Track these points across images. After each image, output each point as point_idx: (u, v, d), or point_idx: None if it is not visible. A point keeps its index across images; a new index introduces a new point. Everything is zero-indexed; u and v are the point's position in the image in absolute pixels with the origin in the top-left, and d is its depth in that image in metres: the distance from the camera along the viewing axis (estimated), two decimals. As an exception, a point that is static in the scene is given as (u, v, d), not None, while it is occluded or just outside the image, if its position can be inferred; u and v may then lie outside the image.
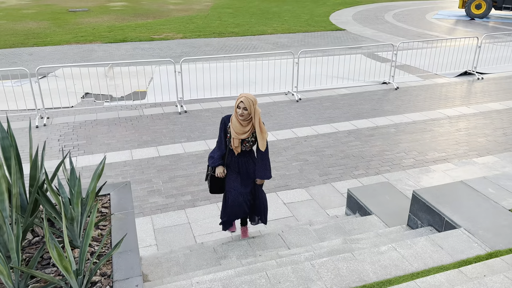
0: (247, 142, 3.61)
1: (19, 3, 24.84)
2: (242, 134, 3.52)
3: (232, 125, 3.57)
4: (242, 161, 3.71)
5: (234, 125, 3.54)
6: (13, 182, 2.44)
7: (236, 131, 3.52)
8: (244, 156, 3.71)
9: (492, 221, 2.84)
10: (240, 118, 3.48)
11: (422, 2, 25.98)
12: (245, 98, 3.44)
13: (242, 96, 3.47)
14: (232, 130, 3.55)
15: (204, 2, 25.31)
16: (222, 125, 3.69)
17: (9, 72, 8.79)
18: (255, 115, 3.49)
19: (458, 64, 10.69)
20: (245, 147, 3.64)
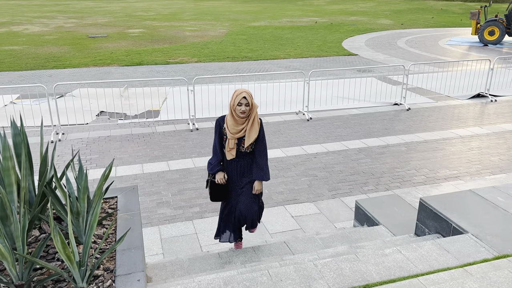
0: (244, 142, 3.37)
1: (41, 29, 25.84)
2: (238, 133, 3.33)
3: (227, 125, 3.36)
4: (244, 165, 3.47)
5: (230, 125, 3.33)
6: (23, 176, 2.50)
7: (232, 131, 3.32)
8: (245, 158, 3.46)
9: (501, 227, 2.78)
10: (241, 116, 3.27)
11: (435, 29, 26.17)
12: (246, 93, 3.24)
13: (242, 91, 3.25)
14: (227, 131, 3.36)
15: (219, 29, 25.95)
16: (216, 127, 3.47)
17: (29, 91, 9.08)
18: (254, 109, 3.30)
19: (471, 86, 10.65)
20: (244, 148, 3.39)
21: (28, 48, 18.50)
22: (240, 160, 3.51)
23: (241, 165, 3.53)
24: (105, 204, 3.17)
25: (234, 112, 3.33)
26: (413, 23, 29.57)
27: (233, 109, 3.33)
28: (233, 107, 3.33)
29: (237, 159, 3.49)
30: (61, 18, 34.36)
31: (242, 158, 3.50)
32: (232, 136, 3.36)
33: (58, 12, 40.12)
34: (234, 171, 3.55)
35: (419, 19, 32.69)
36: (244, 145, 3.41)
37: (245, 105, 3.27)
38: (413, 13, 37.68)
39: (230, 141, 3.39)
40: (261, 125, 3.46)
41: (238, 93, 3.29)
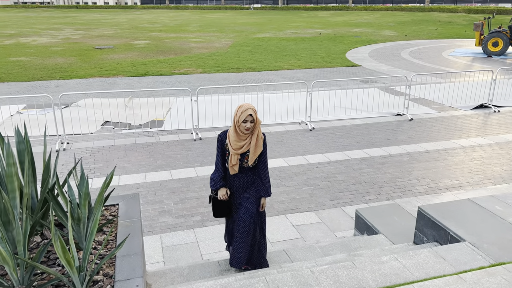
0: (248, 158, 3.30)
1: (49, 41, 26.21)
2: (241, 149, 3.25)
3: (230, 140, 3.27)
4: (246, 179, 3.40)
5: (233, 140, 3.25)
6: (26, 183, 2.56)
7: (235, 147, 3.24)
8: (248, 173, 3.39)
9: (498, 235, 2.79)
10: (245, 132, 3.20)
11: (439, 41, 26.26)
12: (252, 109, 3.16)
13: (247, 107, 3.17)
14: (230, 146, 3.28)
15: (224, 40, 26.19)
16: (219, 143, 3.40)
17: (35, 101, 9.21)
18: (257, 124, 3.23)
19: (474, 97, 10.67)
20: (247, 164, 3.32)
21: (36, 59, 18.78)
22: (243, 175, 3.44)
23: (244, 180, 3.46)
24: (106, 211, 3.21)
25: (238, 128, 3.24)
26: (417, 35, 29.70)
27: (237, 125, 3.24)
28: (238, 123, 3.23)
29: (240, 174, 3.43)
30: (68, 30, 34.87)
31: (245, 173, 3.44)
32: (235, 152, 3.28)
33: (66, 24, 40.72)
34: (236, 186, 3.48)
35: (423, 30, 32.82)
36: (247, 161, 3.35)
37: (250, 122, 3.20)
38: (417, 24, 37.84)
39: (232, 157, 3.31)
40: (264, 140, 3.41)
41: (244, 110, 3.20)
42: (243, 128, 3.22)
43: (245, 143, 3.28)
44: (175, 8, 74.78)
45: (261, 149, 3.33)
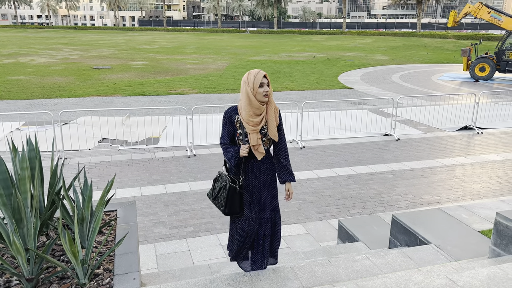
0: (263, 136, 2.81)
1: (48, 61, 26.68)
2: (260, 124, 2.73)
3: (244, 115, 2.75)
4: (262, 167, 2.87)
5: (248, 116, 2.72)
6: (35, 186, 2.85)
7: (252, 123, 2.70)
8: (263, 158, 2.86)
9: (462, 239, 3.09)
10: (265, 100, 2.70)
11: (429, 65, 27.02)
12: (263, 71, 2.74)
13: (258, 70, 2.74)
14: (245, 122, 2.75)
15: (220, 62, 26.79)
16: (226, 121, 2.85)
17: (35, 118, 9.50)
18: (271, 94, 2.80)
19: (459, 119, 11.10)
20: (264, 145, 2.82)
21: (34, 78, 19.16)
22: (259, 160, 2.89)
23: (260, 166, 2.90)
24: (105, 216, 3.49)
25: (254, 98, 2.72)
26: (408, 59, 30.52)
27: (254, 93, 2.73)
28: (254, 91, 2.72)
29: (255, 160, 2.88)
30: (67, 50, 35.45)
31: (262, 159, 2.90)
32: (254, 129, 2.75)
33: (64, 45, 41.37)
34: (252, 174, 2.90)
35: (414, 55, 33.73)
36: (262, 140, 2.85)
37: (266, 85, 2.75)
38: (409, 49, 38.86)
39: (251, 136, 2.76)
40: (279, 114, 2.96)
41: (255, 73, 2.75)
42: (262, 95, 2.73)
43: (262, 117, 2.79)
44: (172, 30, 76.10)
45: (278, 121, 2.87)
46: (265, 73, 2.79)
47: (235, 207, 2.86)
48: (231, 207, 2.87)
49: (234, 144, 2.95)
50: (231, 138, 2.92)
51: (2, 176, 2.62)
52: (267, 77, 2.80)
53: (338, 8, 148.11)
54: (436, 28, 67.10)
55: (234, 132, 2.90)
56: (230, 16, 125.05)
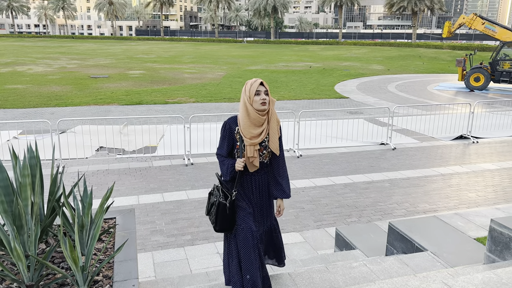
0: (264, 149, 2.67)
1: (45, 70, 26.73)
2: (258, 136, 2.60)
3: (242, 127, 2.62)
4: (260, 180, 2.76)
5: (246, 127, 2.60)
6: (36, 193, 2.87)
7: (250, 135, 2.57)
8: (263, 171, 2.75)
9: (457, 246, 3.13)
10: (262, 108, 2.55)
11: (425, 75, 27.28)
12: (261, 80, 2.61)
13: (255, 79, 2.62)
14: (243, 136, 2.62)
15: (217, 72, 26.93)
16: (226, 132, 2.72)
17: (33, 127, 9.52)
18: (272, 105, 2.65)
19: (454, 128, 11.20)
20: (263, 158, 2.69)
21: (32, 87, 19.18)
22: (257, 173, 2.77)
23: (257, 180, 2.78)
24: (105, 223, 3.51)
25: (251, 107, 2.60)
26: (404, 69, 30.80)
27: (250, 102, 2.61)
28: (250, 99, 2.61)
29: (253, 173, 2.77)
30: (64, 59, 35.54)
31: (259, 171, 2.77)
32: (251, 142, 2.62)
33: (62, 54, 41.48)
34: (249, 188, 2.78)
35: (409, 65, 34.04)
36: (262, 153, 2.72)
37: (264, 93, 2.60)
38: (404, 59, 39.21)
39: (248, 148, 2.63)
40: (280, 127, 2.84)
41: (252, 82, 2.64)
42: (259, 103, 2.59)
43: (262, 130, 2.64)
44: (169, 40, 76.50)
45: (279, 134, 2.75)
46: (262, 81, 2.67)
47: (226, 223, 2.73)
48: (222, 224, 2.75)
49: (231, 157, 2.81)
50: (229, 150, 2.79)
51: (3, 183, 2.64)
52: (264, 85, 2.67)
53: (334, 18, 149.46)
54: (431, 38, 67.82)
55: (233, 145, 2.76)
56: (227, 26, 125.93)
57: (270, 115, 2.70)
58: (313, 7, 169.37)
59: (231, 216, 2.74)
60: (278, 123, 2.78)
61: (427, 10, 58.91)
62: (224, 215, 2.72)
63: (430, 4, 57.14)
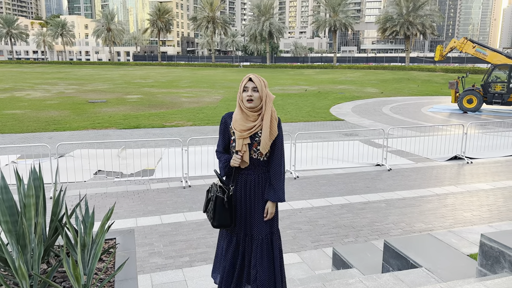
0: (258, 144, 2.61)
1: (43, 95, 26.96)
2: (249, 130, 2.57)
3: (234, 119, 2.63)
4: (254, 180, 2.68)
5: (238, 120, 2.59)
6: (39, 214, 2.95)
7: (240, 128, 2.55)
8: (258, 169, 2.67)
9: (451, 263, 3.19)
10: (248, 106, 2.55)
11: (418, 98, 27.68)
12: (254, 76, 2.58)
13: (248, 75, 2.61)
14: (233, 127, 2.62)
15: (214, 95, 27.24)
16: (222, 126, 2.73)
17: (32, 151, 9.59)
18: (267, 101, 2.59)
19: (448, 149, 11.35)
20: (258, 155, 2.62)
21: (30, 112, 19.33)
22: (251, 171, 2.71)
23: (251, 180, 2.71)
24: (105, 243, 3.56)
25: (242, 104, 2.63)
26: (398, 92, 31.25)
27: (241, 98, 2.64)
28: (240, 95, 2.64)
29: (248, 171, 2.71)
30: (62, 84, 35.88)
31: (253, 168, 2.70)
32: (241, 135, 2.59)
33: (60, 79, 41.89)
34: (241, 187, 2.72)
35: (403, 88, 34.55)
36: (257, 149, 2.64)
37: (252, 90, 2.57)
38: (398, 82, 39.81)
39: (237, 141, 2.60)
40: (279, 124, 2.76)
41: (244, 78, 2.64)
42: (245, 100, 2.59)
43: (254, 124, 2.62)
44: (167, 65, 77.45)
45: (276, 133, 2.66)
46: (252, 77, 2.61)
47: (225, 219, 2.69)
48: (220, 219, 2.70)
49: (228, 153, 2.80)
50: (226, 145, 2.77)
51: (8, 204, 2.72)
52: (254, 81, 2.60)
53: (328, 43, 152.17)
54: (424, 61, 69.03)
55: (229, 139, 2.74)
56: (223, 51, 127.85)
57: (264, 111, 2.63)
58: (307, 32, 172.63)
59: (229, 211, 2.70)
60: (275, 120, 2.68)
61: (419, 35, 60.22)
62: (222, 210, 2.68)
63: (422, 28, 58.47)
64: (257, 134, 2.66)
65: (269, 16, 73.43)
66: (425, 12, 58.10)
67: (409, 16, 57.85)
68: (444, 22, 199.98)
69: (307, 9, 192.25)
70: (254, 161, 2.69)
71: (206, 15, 78.70)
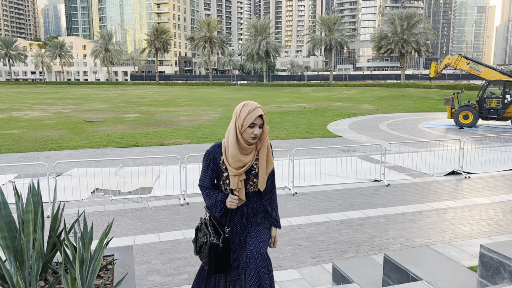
0: (254, 177, 2.45)
1: (41, 115, 27.01)
2: (244, 167, 2.39)
3: (229, 155, 2.38)
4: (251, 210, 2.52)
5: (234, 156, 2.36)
6: (38, 230, 2.94)
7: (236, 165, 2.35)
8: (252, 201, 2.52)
9: (451, 275, 3.18)
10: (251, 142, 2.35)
11: (415, 114, 27.87)
12: (261, 109, 2.37)
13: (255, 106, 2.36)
14: (228, 165, 2.41)
15: (211, 114, 27.36)
16: (209, 162, 2.50)
17: (30, 170, 9.56)
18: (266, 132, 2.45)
19: (446, 164, 11.38)
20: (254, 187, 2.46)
21: (27, 132, 19.33)
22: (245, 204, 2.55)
23: (247, 212, 2.55)
24: (103, 260, 3.54)
25: (240, 137, 2.40)
26: (394, 108, 31.47)
27: (241, 132, 2.40)
28: (241, 129, 2.40)
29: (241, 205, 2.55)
30: (60, 104, 36.00)
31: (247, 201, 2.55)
32: (237, 172, 2.40)
33: (58, 99, 42.04)
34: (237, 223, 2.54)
35: (400, 104, 34.81)
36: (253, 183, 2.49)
37: (259, 127, 2.39)
38: (394, 99, 40.13)
39: (233, 179, 2.41)
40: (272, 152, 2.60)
41: (251, 109, 2.37)
42: (249, 137, 2.38)
43: (250, 159, 2.43)
44: (164, 84, 77.94)
45: (272, 165, 2.51)
46: (263, 112, 2.40)
47: (222, 265, 2.47)
48: (217, 267, 2.47)
49: (217, 189, 2.57)
50: (213, 181, 2.57)
51: (6, 220, 2.71)
52: (263, 117, 2.41)
53: (324, 61, 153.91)
54: (419, 78, 69.77)
55: (218, 175, 2.54)
56: (221, 70, 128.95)
57: (261, 144, 2.49)
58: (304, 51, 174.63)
59: (226, 255, 2.49)
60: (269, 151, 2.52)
61: (414, 52, 61.02)
62: (218, 257, 2.44)
63: (417, 46, 59.28)
64: (253, 167, 2.50)
65: (266, 35, 74.40)
66: (419, 30, 59.02)
67: (404, 34, 58.73)
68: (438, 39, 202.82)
69: (303, 28, 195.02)
70: (249, 195, 2.54)
71: (203, 35, 79.68)
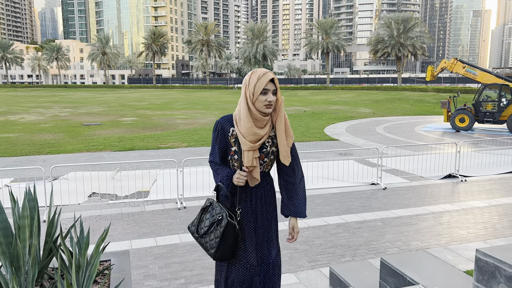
0: (265, 156, 2.22)
1: (37, 118, 26.94)
2: (259, 141, 2.15)
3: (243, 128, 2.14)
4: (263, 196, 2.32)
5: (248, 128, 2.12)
6: (34, 235, 2.93)
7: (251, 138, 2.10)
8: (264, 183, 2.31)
9: (448, 279, 3.19)
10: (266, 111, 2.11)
11: (411, 117, 27.96)
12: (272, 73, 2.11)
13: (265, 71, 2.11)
14: (241, 137, 2.15)
15: (209, 117, 27.36)
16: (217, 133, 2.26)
17: (26, 174, 9.53)
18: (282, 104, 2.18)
19: (443, 168, 11.42)
20: (264, 167, 2.25)
21: (24, 135, 19.27)
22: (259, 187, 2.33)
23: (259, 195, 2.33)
24: (100, 265, 3.52)
25: (253, 107, 2.15)
26: (391, 112, 31.57)
27: (252, 101, 2.16)
28: (252, 98, 2.14)
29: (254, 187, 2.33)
30: (56, 108, 35.92)
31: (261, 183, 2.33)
32: (252, 146, 2.16)
33: (54, 103, 41.94)
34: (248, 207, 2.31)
35: (396, 107, 34.93)
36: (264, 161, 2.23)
37: (272, 94, 2.14)
38: (391, 102, 40.25)
39: (247, 154, 2.15)
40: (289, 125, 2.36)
41: (261, 74, 2.11)
42: (262, 106, 2.13)
43: (265, 132, 2.20)
44: (161, 87, 77.91)
45: (293, 138, 2.29)
46: (274, 76, 2.15)
47: (229, 251, 2.24)
48: (223, 251, 2.23)
49: (226, 164, 2.34)
50: (223, 156, 2.32)
51: (2, 225, 2.70)
52: (275, 82, 2.16)
53: (321, 65, 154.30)
54: (416, 82, 70.02)
55: (227, 149, 2.30)
56: (218, 73, 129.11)
57: (276, 115, 2.21)
58: (301, 55, 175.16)
59: (234, 242, 2.25)
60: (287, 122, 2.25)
61: (411, 56, 61.28)
62: (229, 240, 2.20)
63: (413, 50, 59.54)
64: (264, 145, 2.25)
65: (263, 39, 74.56)
66: (415, 34, 59.30)
67: (400, 38, 58.98)
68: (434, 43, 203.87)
69: (300, 31, 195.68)
70: (261, 175, 2.30)
71: (200, 39, 79.77)
